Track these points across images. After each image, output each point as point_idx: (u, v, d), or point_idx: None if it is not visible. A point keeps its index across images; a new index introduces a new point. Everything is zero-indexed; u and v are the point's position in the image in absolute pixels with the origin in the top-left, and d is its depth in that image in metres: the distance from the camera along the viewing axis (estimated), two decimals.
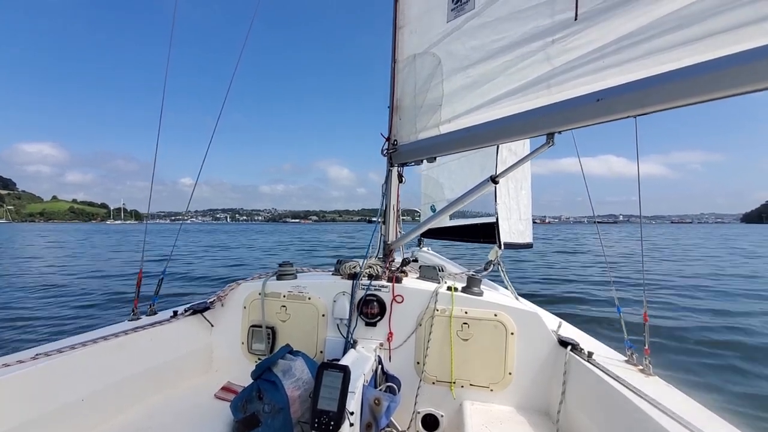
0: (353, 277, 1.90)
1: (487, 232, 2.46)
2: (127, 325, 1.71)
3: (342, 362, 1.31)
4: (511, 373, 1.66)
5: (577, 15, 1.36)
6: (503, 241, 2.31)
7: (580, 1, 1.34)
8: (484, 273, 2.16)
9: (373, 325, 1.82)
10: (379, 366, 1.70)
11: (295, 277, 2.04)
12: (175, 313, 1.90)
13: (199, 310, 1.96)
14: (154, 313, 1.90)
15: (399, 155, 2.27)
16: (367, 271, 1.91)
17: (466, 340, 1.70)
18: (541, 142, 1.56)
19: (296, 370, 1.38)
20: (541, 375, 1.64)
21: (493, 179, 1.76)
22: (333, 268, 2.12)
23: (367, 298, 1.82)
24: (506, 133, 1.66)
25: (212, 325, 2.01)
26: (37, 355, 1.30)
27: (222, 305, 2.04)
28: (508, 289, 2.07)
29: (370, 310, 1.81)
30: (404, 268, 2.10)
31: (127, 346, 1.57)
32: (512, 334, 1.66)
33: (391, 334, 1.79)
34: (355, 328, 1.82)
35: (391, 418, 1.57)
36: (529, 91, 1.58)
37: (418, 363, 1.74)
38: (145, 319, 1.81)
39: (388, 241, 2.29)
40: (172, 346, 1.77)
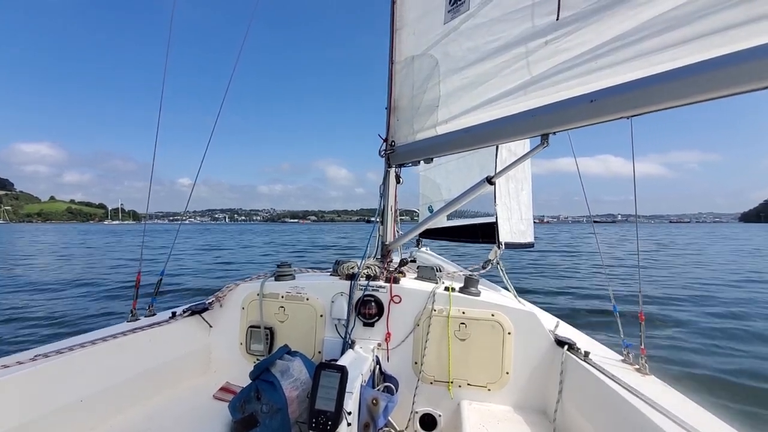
0: (351, 277, 1.91)
1: (487, 232, 2.47)
2: (125, 326, 1.72)
3: (340, 362, 1.31)
4: (508, 373, 1.66)
5: (559, 16, 1.37)
6: (505, 241, 2.31)
7: (563, 3, 1.35)
8: (482, 272, 2.17)
9: (371, 325, 1.83)
10: (377, 366, 1.70)
11: (294, 278, 2.05)
12: (174, 314, 1.91)
13: (198, 311, 1.97)
14: (153, 314, 1.91)
15: (396, 156, 2.28)
16: (365, 271, 1.92)
17: (464, 340, 1.70)
18: (537, 142, 1.58)
19: (294, 371, 1.38)
20: (538, 374, 1.65)
21: (489, 180, 1.77)
22: (331, 269, 2.13)
23: (365, 299, 1.83)
24: (501, 134, 1.67)
25: (211, 326, 2.02)
26: (36, 356, 1.31)
27: (220, 306, 2.04)
28: (508, 289, 2.08)
29: (368, 311, 1.81)
30: (402, 268, 2.11)
31: (126, 347, 1.57)
32: (509, 333, 1.67)
33: (388, 334, 1.80)
34: (353, 328, 1.82)
35: (389, 417, 1.57)
36: (524, 92, 1.59)
37: (416, 363, 1.75)
38: (144, 320, 1.81)
39: (386, 242, 2.30)
40: (171, 347, 1.77)
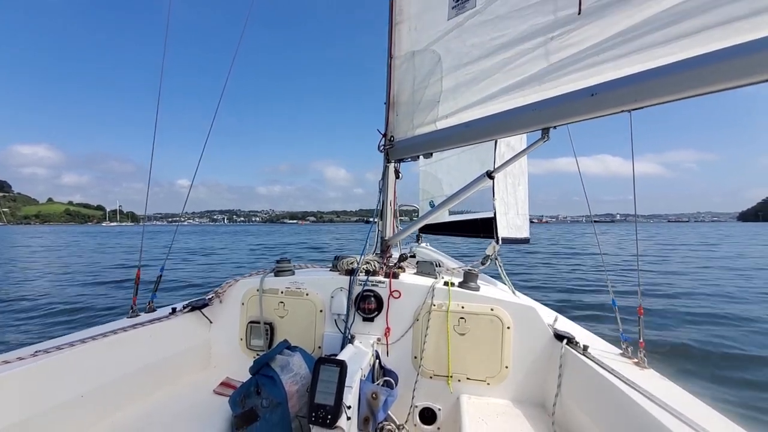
0: (350, 273, 1.91)
1: (486, 227, 2.47)
2: (126, 322, 1.72)
3: (339, 357, 1.32)
4: (507, 367, 1.67)
5: (581, 9, 1.36)
6: (501, 236, 2.32)
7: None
8: (481, 268, 2.17)
9: (371, 320, 1.83)
10: (377, 361, 1.71)
11: (293, 273, 2.05)
12: (174, 310, 1.91)
13: (198, 307, 1.97)
14: (153, 310, 1.91)
15: (396, 151, 2.27)
16: (365, 266, 1.92)
17: (463, 335, 1.71)
18: (537, 137, 1.57)
19: (294, 365, 1.39)
20: (537, 368, 1.66)
21: (489, 174, 1.77)
22: (330, 264, 2.13)
23: (364, 294, 1.83)
24: (501, 128, 1.67)
25: (211, 322, 2.02)
26: (36, 352, 1.31)
27: (220, 302, 2.04)
28: (505, 284, 2.08)
29: (368, 306, 1.82)
30: (401, 263, 2.11)
31: (127, 343, 1.57)
32: (508, 328, 1.67)
33: (388, 329, 1.80)
34: (352, 323, 1.83)
35: (389, 412, 1.58)
36: (527, 87, 1.58)
37: (416, 357, 1.76)
38: (144, 316, 1.81)
39: (386, 237, 2.30)
40: (171, 343, 1.77)
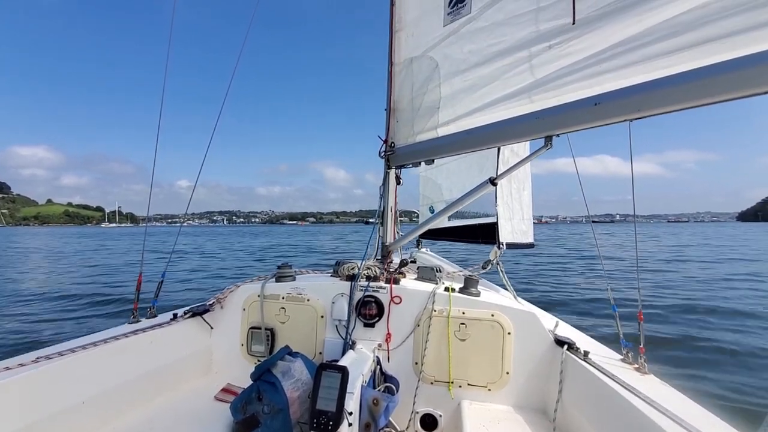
0: (351, 278, 1.92)
1: (488, 233, 2.48)
2: (127, 327, 1.72)
3: (341, 363, 1.32)
4: (508, 373, 1.67)
5: (575, 20, 1.37)
6: (507, 241, 2.32)
7: (578, 7, 1.36)
8: (482, 272, 2.17)
9: (372, 326, 1.83)
10: (378, 366, 1.71)
11: (294, 279, 2.05)
12: (175, 316, 1.91)
13: (199, 313, 1.97)
14: (154, 316, 1.91)
15: (396, 157, 2.28)
16: (366, 272, 1.92)
17: (464, 341, 1.71)
18: (539, 143, 1.58)
19: (295, 371, 1.39)
20: (538, 374, 1.66)
21: (492, 181, 1.78)
22: (331, 270, 2.13)
23: (365, 300, 1.83)
24: (504, 136, 1.68)
25: (212, 328, 2.02)
26: (38, 358, 1.31)
27: (221, 307, 2.04)
28: (507, 289, 2.08)
29: (369, 311, 1.82)
30: (402, 269, 2.11)
31: (128, 349, 1.57)
32: (509, 333, 1.68)
33: (389, 334, 1.80)
34: (353, 329, 1.83)
35: (390, 418, 1.58)
36: (527, 95, 1.59)
37: (417, 363, 1.76)
38: (145, 322, 1.81)
39: (386, 243, 2.31)
40: (172, 349, 1.77)
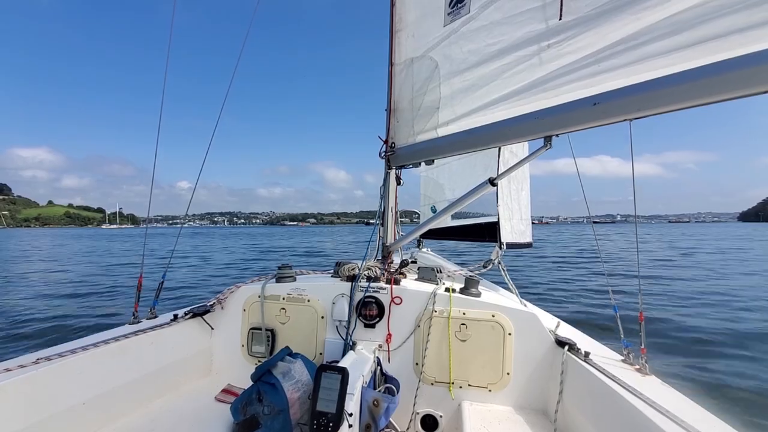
0: (352, 279, 1.92)
1: (489, 232, 2.48)
2: (127, 328, 1.72)
3: (341, 364, 1.32)
4: (509, 374, 1.67)
5: (562, 16, 1.37)
6: (506, 241, 2.31)
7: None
8: (483, 271, 2.17)
9: (372, 326, 1.83)
10: (378, 367, 1.71)
11: (294, 280, 2.05)
12: (176, 317, 1.91)
13: (199, 313, 1.97)
14: (155, 317, 1.91)
15: (397, 158, 2.28)
16: (366, 273, 1.92)
17: (464, 341, 1.71)
18: (538, 144, 1.58)
19: (296, 372, 1.38)
20: (539, 375, 1.65)
21: (492, 181, 1.78)
22: (332, 271, 2.13)
23: (365, 300, 1.83)
24: (504, 136, 1.68)
25: (212, 328, 2.02)
26: (38, 359, 1.31)
27: (222, 308, 2.04)
28: (510, 290, 2.08)
29: (369, 312, 1.82)
30: (403, 269, 2.11)
31: (128, 350, 1.58)
32: (510, 334, 1.67)
33: (389, 335, 1.80)
34: (354, 329, 1.83)
35: (390, 419, 1.58)
36: (527, 95, 1.59)
37: (417, 364, 1.75)
38: (146, 323, 1.81)
39: (387, 243, 2.31)
40: (173, 350, 1.77)
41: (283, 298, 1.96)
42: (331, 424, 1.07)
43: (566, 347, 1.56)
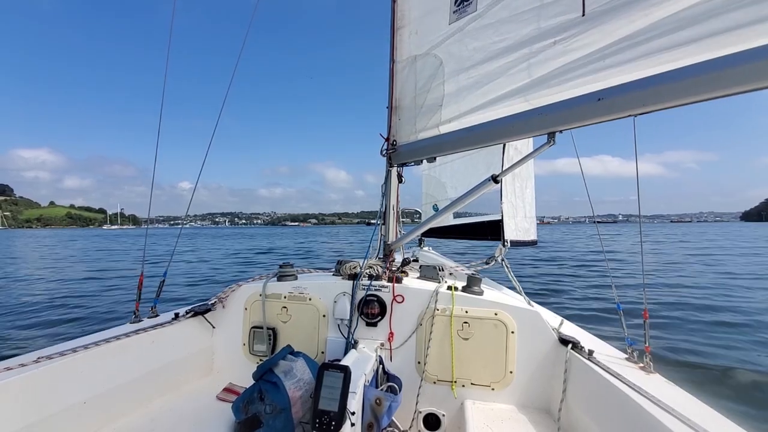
0: (354, 277, 1.91)
1: (492, 230, 2.46)
2: (128, 327, 1.71)
3: (343, 362, 1.31)
4: (512, 372, 1.66)
5: (585, 12, 1.35)
6: (510, 239, 2.30)
7: (586, 1, 1.34)
8: (485, 267, 2.16)
9: (374, 325, 1.82)
10: (380, 366, 1.70)
11: (296, 278, 2.04)
12: (177, 315, 1.90)
13: (201, 312, 1.97)
14: (156, 315, 1.90)
15: (398, 155, 2.27)
16: (368, 271, 1.91)
17: (467, 340, 1.70)
18: (542, 141, 1.57)
19: (297, 371, 1.38)
20: (542, 373, 1.64)
21: (495, 178, 1.76)
22: (333, 269, 2.12)
23: (367, 299, 1.82)
24: (507, 132, 1.66)
25: (213, 327, 2.01)
26: (39, 358, 1.31)
27: (223, 307, 2.04)
28: (515, 288, 2.06)
29: (371, 311, 1.81)
30: (404, 268, 2.10)
31: (129, 348, 1.57)
32: (513, 332, 1.66)
33: (391, 334, 1.79)
34: (355, 328, 1.82)
35: (393, 417, 1.57)
36: (531, 91, 1.58)
37: (419, 362, 1.75)
38: (147, 321, 1.81)
39: (388, 242, 2.30)
40: (174, 348, 1.77)
41: (285, 297, 1.95)
42: (334, 423, 1.07)
43: (570, 345, 1.55)
